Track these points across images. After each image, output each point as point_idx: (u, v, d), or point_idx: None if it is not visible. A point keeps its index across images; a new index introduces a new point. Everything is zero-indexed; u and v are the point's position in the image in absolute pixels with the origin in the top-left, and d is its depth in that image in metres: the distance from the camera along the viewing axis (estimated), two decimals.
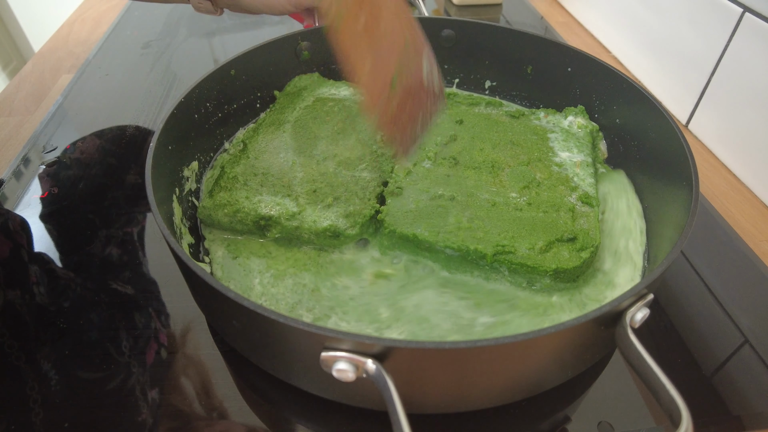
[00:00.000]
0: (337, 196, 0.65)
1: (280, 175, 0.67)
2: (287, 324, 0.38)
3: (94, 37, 1.21)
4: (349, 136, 0.73)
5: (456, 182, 0.67)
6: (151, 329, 0.59)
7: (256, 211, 0.62)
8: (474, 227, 0.60)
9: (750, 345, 0.59)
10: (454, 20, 0.84)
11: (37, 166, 0.82)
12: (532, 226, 0.61)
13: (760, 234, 0.73)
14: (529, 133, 0.75)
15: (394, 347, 0.36)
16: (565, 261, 0.57)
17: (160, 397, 0.53)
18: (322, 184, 0.66)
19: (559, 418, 0.51)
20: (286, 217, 0.62)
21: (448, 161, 0.70)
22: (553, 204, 0.63)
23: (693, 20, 0.88)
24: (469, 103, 0.81)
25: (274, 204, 0.63)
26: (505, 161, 0.70)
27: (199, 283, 0.44)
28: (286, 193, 0.65)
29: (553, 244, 0.59)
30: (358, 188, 0.66)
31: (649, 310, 0.42)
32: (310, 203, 0.64)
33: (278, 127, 0.75)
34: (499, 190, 0.66)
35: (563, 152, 0.72)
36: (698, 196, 0.52)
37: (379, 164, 0.70)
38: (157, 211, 0.49)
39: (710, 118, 0.87)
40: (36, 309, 0.61)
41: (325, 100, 0.80)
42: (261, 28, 1.24)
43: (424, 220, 0.61)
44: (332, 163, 0.69)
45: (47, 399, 0.52)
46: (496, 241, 0.58)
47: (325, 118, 0.76)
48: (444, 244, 0.59)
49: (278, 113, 0.77)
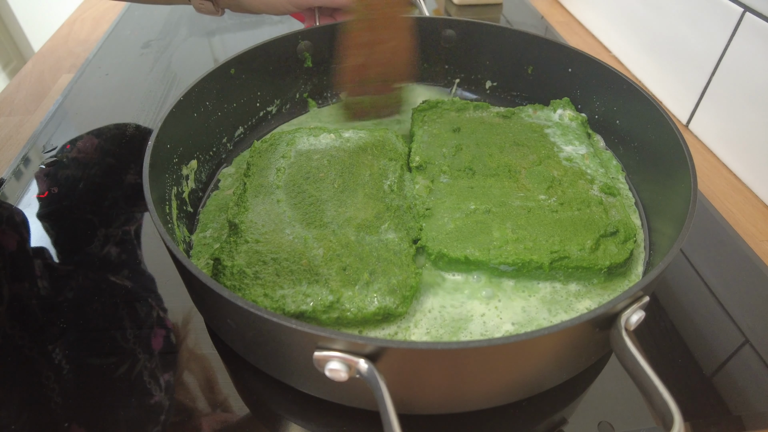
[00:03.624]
0: (372, 270, 0.55)
1: (296, 257, 0.56)
2: (280, 323, 0.38)
3: (94, 37, 1.21)
4: (355, 193, 0.64)
5: (482, 193, 0.65)
6: (153, 318, 0.60)
7: (283, 310, 0.52)
8: (521, 237, 0.59)
9: (750, 345, 0.58)
10: (455, 20, 0.84)
11: (37, 165, 0.82)
12: (574, 226, 0.60)
13: (760, 234, 0.72)
14: (528, 131, 0.74)
15: (386, 347, 0.36)
16: (616, 255, 0.58)
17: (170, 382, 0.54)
18: (349, 259, 0.56)
19: (559, 419, 0.51)
20: (323, 309, 0.52)
21: (465, 172, 0.68)
22: (582, 200, 0.63)
23: (694, 20, 0.88)
24: (457, 108, 0.79)
25: (302, 296, 0.52)
26: (518, 163, 0.69)
27: (194, 282, 0.44)
28: (312, 278, 0.54)
29: (600, 241, 0.59)
30: (391, 254, 0.58)
31: (644, 313, 0.42)
32: (344, 285, 0.54)
33: (267, 196, 0.63)
34: (527, 194, 0.65)
35: (567, 146, 0.72)
36: (697, 196, 0.52)
37: (402, 220, 0.62)
38: (154, 209, 0.49)
39: (711, 118, 0.87)
40: (42, 301, 0.61)
41: (308, 153, 0.70)
42: (261, 27, 1.24)
43: (469, 239, 0.59)
44: (351, 230, 0.60)
45: (64, 387, 0.53)
46: (547, 248, 0.58)
47: (318, 176, 0.66)
48: (498, 260, 0.57)
49: (259, 178, 0.66)
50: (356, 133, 0.73)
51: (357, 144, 0.71)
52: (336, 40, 0.83)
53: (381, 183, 0.66)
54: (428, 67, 0.89)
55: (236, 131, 0.78)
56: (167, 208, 0.60)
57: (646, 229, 0.65)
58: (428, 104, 0.79)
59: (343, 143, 0.71)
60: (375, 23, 0.66)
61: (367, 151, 0.70)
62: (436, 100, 0.80)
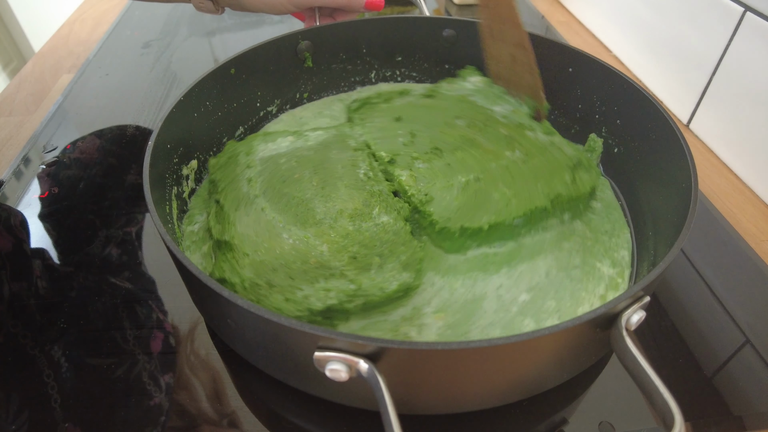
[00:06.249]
0: (379, 253, 0.57)
1: (304, 257, 0.56)
2: (280, 323, 0.38)
3: (94, 37, 1.21)
4: (335, 187, 0.65)
5: (461, 167, 0.67)
6: (153, 320, 0.60)
7: (310, 308, 0.51)
8: (517, 192, 0.63)
9: (751, 345, 0.58)
10: (455, 20, 0.84)
11: (37, 166, 0.82)
12: (547, 169, 0.66)
13: (761, 234, 0.72)
14: (458, 103, 0.78)
15: (386, 347, 0.36)
16: (592, 179, 0.66)
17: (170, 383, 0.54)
18: (355, 247, 0.58)
19: (559, 419, 0.51)
20: (348, 299, 0.53)
21: (434, 154, 0.70)
22: (538, 147, 0.69)
23: (694, 19, 0.88)
24: (385, 99, 0.80)
25: (323, 292, 0.53)
26: (470, 132, 0.72)
27: (195, 282, 0.44)
28: (327, 273, 0.55)
29: (574, 172, 0.65)
30: (390, 235, 0.59)
31: (645, 313, 0.42)
32: (360, 272, 0.55)
33: (249, 207, 0.61)
34: (496, 155, 0.68)
35: (495, 107, 0.77)
36: (697, 196, 0.52)
37: (388, 203, 0.64)
38: (154, 209, 0.49)
39: (711, 118, 0.87)
40: (41, 301, 0.61)
41: (273, 159, 0.68)
42: (261, 27, 1.24)
43: (478, 208, 0.62)
44: (346, 221, 0.61)
45: (63, 386, 0.54)
46: (541, 192, 0.63)
47: (293, 177, 0.66)
48: (512, 216, 0.61)
49: (231, 191, 0.64)
50: (313, 131, 0.74)
51: (318, 141, 0.72)
52: (336, 40, 0.83)
53: (356, 173, 0.67)
54: (428, 68, 0.89)
55: (236, 131, 0.78)
56: (167, 208, 0.60)
57: (647, 229, 0.65)
58: (359, 102, 0.79)
59: (304, 143, 0.71)
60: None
61: (330, 147, 0.71)
62: (366, 96, 0.80)
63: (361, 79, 0.89)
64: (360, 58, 0.86)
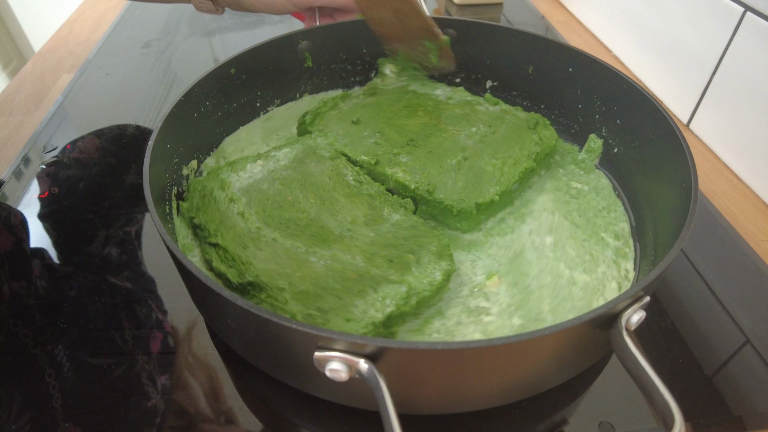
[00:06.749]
0: (410, 250, 0.57)
1: (342, 274, 0.54)
2: (280, 323, 0.38)
3: (94, 37, 1.21)
4: (334, 199, 0.63)
5: (442, 152, 0.70)
6: (153, 320, 0.60)
7: (372, 321, 0.50)
8: (503, 160, 0.68)
9: (751, 345, 0.58)
10: (455, 20, 0.84)
11: (37, 165, 0.82)
12: (513, 134, 0.72)
13: (761, 233, 0.72)
14: (402, 94, 0.81)
15: (386, 347, 0.36)
16: (552, 135, 0.73)
17: (169, 383, 0.54)
18: (385, 251, 0.57)
19: (559, 419, 0.51)
20: (403, 302, 0.52)
21: (411, 146, 0.70)
22: (494, 117, 0.75)
23: (694, 19, 0.88)
24: (332, 107, 0.78)
25: (378, 301, 0.52)
26: (429, 120, 0.75)
27: (195, 282, 0.43)
28: (373, 283, 0.53)
29: (536, 133, 0.72)
30: (410, 231, 0.60)
31: (645, 313, 0.42)
32: (403, 273, 0.55)
33: (258, 242, 0.57)
34: (466, 134, 0.72)
35: (436, 91, 0.81)
36: (697, 196, 0.52)
37: (391, 201, 0.64)
38: (154, 209, 0.49)
39: (711, 118, 0.87)
40: (41, 300, 0.61)
41: (254, 186, 0.64)
42: (261, 27, 1.24)
43: (480, 183, 0.66)
44: (363, 228, 0.60)
45: (64, 386, 0.54)
46: (522, 155, 0.69)
47: (287, 200, 0.63)
48: (511, 181, 0.66)
49: (228, 231, 0.58)
50: (278, 150, 0.69)
51: (290, 159, 0.68)
52: (336, 40, 0.83)
53: (345, 180, 0.66)
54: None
55: (237, 131, 0.78)
56: (167, 208, 0.60)
57: (647, 228, 0.65)
58: (312, 114, 0.76)
59: (276, 164, 0.67)
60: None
61: (304, 162, 0.68)
62: (316, 108, 0.77)
63: (361, 79, 0.89)
64: (360, 58, 0.86)
